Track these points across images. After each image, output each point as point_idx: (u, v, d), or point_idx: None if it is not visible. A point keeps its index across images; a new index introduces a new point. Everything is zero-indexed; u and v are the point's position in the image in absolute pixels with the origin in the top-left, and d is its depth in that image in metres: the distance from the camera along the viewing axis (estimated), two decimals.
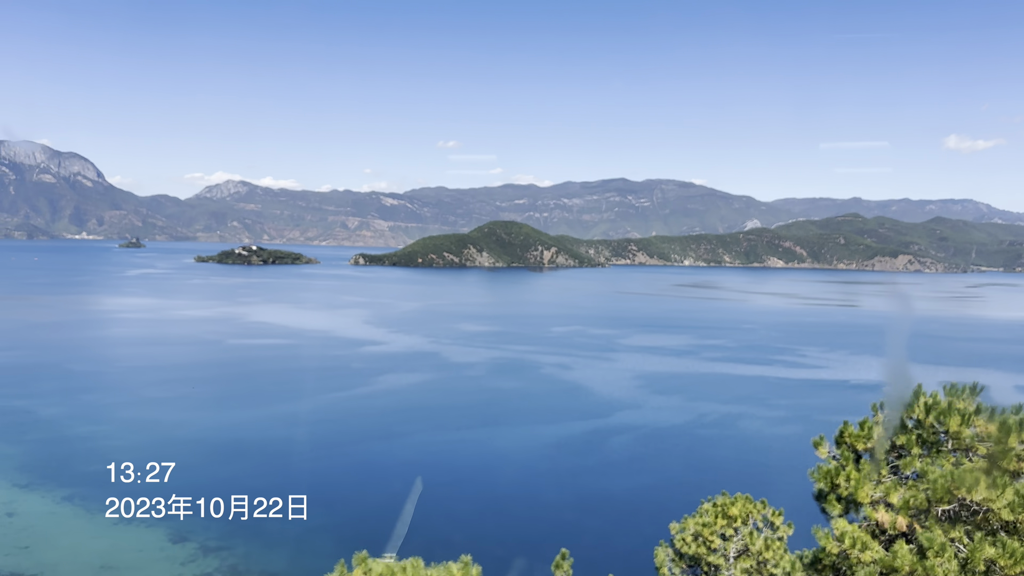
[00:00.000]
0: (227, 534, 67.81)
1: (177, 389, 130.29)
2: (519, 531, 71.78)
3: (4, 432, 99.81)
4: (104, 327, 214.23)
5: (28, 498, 75.93)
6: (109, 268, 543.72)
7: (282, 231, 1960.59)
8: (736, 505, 23.11)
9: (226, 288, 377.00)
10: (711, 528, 23.11)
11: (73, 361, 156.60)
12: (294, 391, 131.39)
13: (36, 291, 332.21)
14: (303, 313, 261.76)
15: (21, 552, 63.02)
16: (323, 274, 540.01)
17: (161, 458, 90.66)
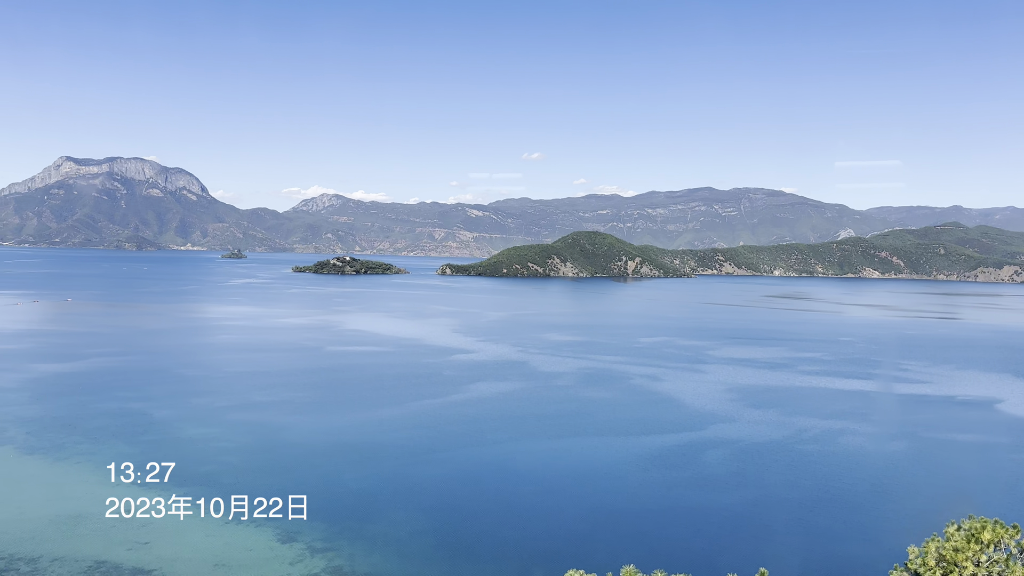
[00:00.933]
0: (333, 535, 70.19)
1: (280, 394, 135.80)
2: (617, 544, 71.39)
3: (121, 433, 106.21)
4: (211, 334, 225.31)
5: (145, 496, 79.65)
6: (214, 278, 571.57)
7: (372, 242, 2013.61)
8: (987, 530, 21.93)
9: (322, 297, 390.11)
10: (963, 553, 21.92)
11: (183, 366, 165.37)
12: (390, 397, 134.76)
13: (148, 299, 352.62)
14: (395, 322, 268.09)
15: (142, 547, 66.93)
16: (412, 284, 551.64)
17: (268, 460, 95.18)
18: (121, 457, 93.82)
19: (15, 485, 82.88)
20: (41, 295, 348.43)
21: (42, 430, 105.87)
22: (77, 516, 73.32)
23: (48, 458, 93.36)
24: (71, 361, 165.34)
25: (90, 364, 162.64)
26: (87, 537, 68.36)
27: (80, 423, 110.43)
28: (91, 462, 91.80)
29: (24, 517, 72.99)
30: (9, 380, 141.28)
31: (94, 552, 65.07)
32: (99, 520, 72.69)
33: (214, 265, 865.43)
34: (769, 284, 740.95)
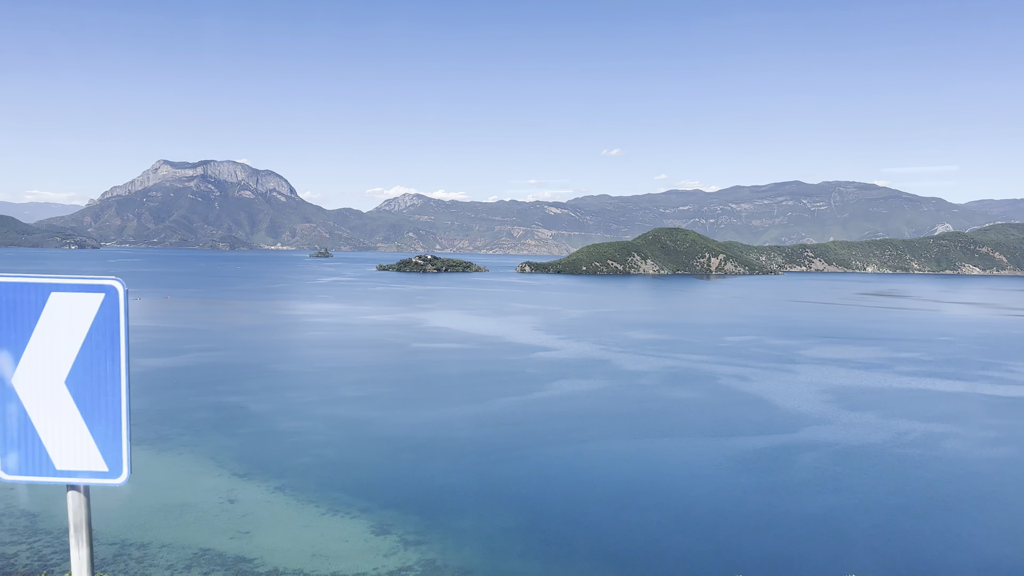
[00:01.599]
0: (424, 529, 71.10)
1: (369, 389, 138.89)
2: (705, 550, 69.78)
3: (221, 425, 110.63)
4: (301, 330, 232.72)
5: (246, 487, 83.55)
6: (303, 276, 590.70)
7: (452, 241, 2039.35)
8: None
9: (406, 295, 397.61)
10: None
11: (276, 361, 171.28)
12: (474, 394, 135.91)
13: (241, 297, 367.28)
14: (476, 319, 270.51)
15: (244, 536, 69.39)
16: (492, 281, 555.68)
17: (358, 454, 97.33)
18: (222, 449, 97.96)
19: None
20: (142, 293, 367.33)
21: (147, 422, 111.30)
22: (182, 505, 76.69)
23: (153, 448, 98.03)
24: (171, 356, 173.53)
25: (189, 359, 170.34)
26: (192, 525, 71.37)
27: (182, 415, 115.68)
28: (193, 453, 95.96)
29: (133, 505, 76.73)
30: None
31: (199, 540, 67.86)
32: (203, 509, 75.91)
33: (303, 264, 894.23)
34: (862, 281, 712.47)
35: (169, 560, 63.65)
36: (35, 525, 70.93)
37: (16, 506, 75.49)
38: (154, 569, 61.51)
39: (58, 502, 76.09)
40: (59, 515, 73.17)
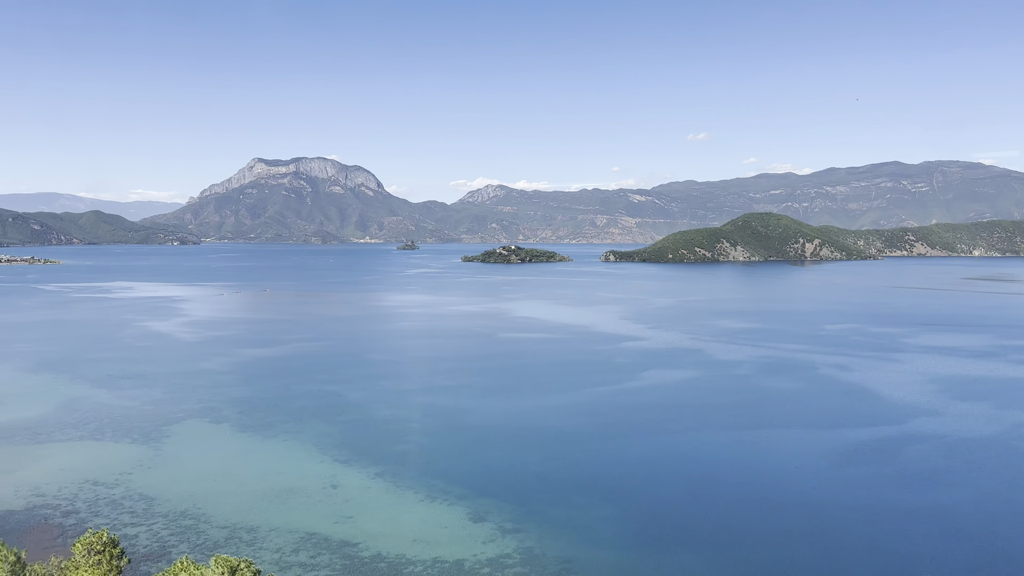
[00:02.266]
0: (521, 517, 71.51)
1: (460, 378, 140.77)
2: (810, 545, 67.46)
3: (322, 413, 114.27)
4: (392, 321, 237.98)
5: (347, 472, 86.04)
6: (391, 268, 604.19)
7: (535, 230, 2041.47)
8: None
9: (491, 285, 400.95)
10: None
11: (370, 351, 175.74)
12: (564, 383, 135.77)
13: (335, 289, 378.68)
14: (563, 309, 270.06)
15: (347, 521, 71.45)
16: (576, 271, 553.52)
17: (453, 442, 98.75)
18: (322, 436, 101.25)
19: (233, 460, 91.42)
20: (243, 286, 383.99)
21: (252, 410, 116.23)
22: (288, 490, 79.65)
23: (258, 435, 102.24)
24: (272, 346, 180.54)
25: (288, 349, 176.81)
26: (298, 510, 74.02)
27: (284, 403, 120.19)
28: (296, 440, 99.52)
29: (242, 489, 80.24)
30: (221, 364, 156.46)
31: (305, 524, 70.31)
32: (307, 494, 78.64)
33: (391, 256, 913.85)
34: (969, 265, 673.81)
35: (277, 543, 66.18)
36: (151, 509, 75.06)
37: (135, 491, 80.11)
38: (264, 552, 64.08)
39: (172, 487, 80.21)
40: (174, 499, 77.32)
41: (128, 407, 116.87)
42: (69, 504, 75.62)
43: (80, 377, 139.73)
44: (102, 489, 79.88)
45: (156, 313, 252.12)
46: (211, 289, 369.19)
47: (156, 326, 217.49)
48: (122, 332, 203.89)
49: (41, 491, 79.37)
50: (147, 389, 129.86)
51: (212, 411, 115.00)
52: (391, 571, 60.39)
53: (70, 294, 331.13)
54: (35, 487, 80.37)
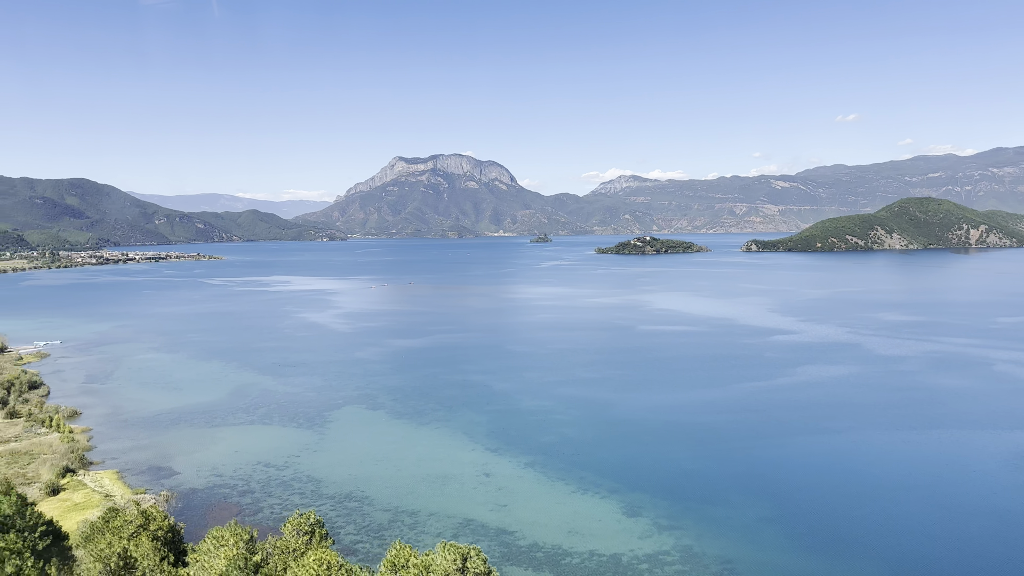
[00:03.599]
0: (677, 514, 69.87)
1: (602, 371, 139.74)
2: (986, 551, 61.59)
3: (470, 402, 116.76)
4: (531, 312, 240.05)
5: (498, 461, 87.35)
6: (525, 261, 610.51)
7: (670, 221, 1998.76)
8: None
9: (627, 277, 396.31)
10: None
11: (512, 342, 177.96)
12: (710, 378, 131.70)
13: (473, 281, 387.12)
14: (704, 300, 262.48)
15: (502, 509, 72.48)
16: (716, 262, 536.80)
17: (600, 435, 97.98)
18: (472, 424, 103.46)
19: (390, 445, 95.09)
20: (388, 279, 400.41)
21: (405, 398, 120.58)
22: (444, 476, 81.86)
23: (412, 423, 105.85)
24: (418, 337, 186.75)
25: (434, 340, 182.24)
26: (454, 496, 75.90)
27: (434, 392, 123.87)
28: (448, 427, 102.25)
29: (401, 474, 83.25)
30: (373, 353, 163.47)
31: (462, 510, 71.96)
32: (462, 481, 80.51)
33: (524, 249, 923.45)
34: None
35: (437, 528, 68.09)
36: (319, 491, 79.29)
37: (303, 473, 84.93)
38: (425, 536, 66.09)
39: (336, 470, 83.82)
40: (339, 482, 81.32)
41: (292, 393, 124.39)
42: (244, 484, 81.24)
43: (248, 365, 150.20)
44: (273, 471, 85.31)
45: (311, 305, 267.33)
46: (360, 283, 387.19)
47: (312, 317, 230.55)
48: (282, 323, 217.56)
49: (219, 471, 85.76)
50: (308, 377, 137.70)
51: (368, 398, 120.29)
52: (548, 561, 60.62)
53: (233, 288, 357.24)
54: (213, 467, 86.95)
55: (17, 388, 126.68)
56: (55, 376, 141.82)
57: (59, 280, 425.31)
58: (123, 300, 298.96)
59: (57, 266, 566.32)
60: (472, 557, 27.82)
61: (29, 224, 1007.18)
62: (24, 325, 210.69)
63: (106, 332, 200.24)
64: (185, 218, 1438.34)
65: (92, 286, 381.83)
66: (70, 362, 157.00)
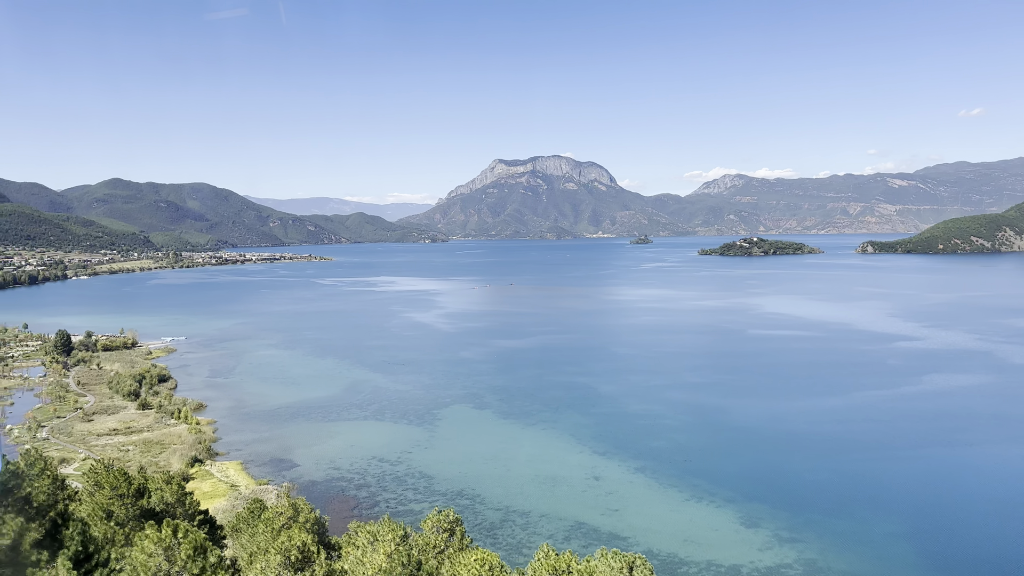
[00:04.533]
0: (798, 527, 66.83)
1: (711, 375, 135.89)
2: None
3: (576, 404, 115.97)
4: (633, 315, 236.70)
5: (607, 465, 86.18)
6: (625, 262, 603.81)
7: (778, 221, 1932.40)
8: None
9: (733, 279, 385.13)
10: None
11: (615, 345, 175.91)
12: (829, 386, 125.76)
13: (573, 283, 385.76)
14: (817, 304, 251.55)
15: (614, 514, 71.36)
16: (829, 264, 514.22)
17: (712, 442, 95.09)
18: (579, 427, 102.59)
19: (499, 445, 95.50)
20: (490, 280, 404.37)
21: (510, 398, 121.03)
22: (553, 477, 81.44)
23: (519, 423, 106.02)
24: (521, 338, 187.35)
25: (537, 341, 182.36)
26: (565, 498, 75.32)
27: (539, 393, 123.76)
28: (555, 429, 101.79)
29: (511, 474, 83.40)
30: (478, 353, 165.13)
31: (573, 513, 71.30)
32: (572, 483, 79.84)
33: (624, 250, 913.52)
34: None
35: (549, 530, 67.70)
36: (431, 487, 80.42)
37: (416, 469, 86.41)
38: (537, 537, 65.79)
39: (447, 467, 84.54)
40: (451, 479, 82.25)
41: (402, 391, 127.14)
42: (360, 478, 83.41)
43: (359, 362, 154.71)
44: (387, 466, 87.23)
45: (416, 305, 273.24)
46: (461, 283, 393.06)
47: (417, 317, 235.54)
48: (389, 322, 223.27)
49: (336, 465, 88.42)
50: (416, 375, 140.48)
51: (475, 397, 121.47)
52: (665, 569, 59.10)
53: (343, 288, 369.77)
54: (331, 461, 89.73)
55: (148, 381, 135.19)
56: (181, 370, 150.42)
57: (182, 279, 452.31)
58: (242, 299, 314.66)
59: (180, 266, 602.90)
60: (639, 566, 27.03)
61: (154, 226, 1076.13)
62: (153, 321, 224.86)
63: (227, 329, 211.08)
64: (297, 221, 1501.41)
65: (213, 285, 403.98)
66: (195, 357, 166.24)
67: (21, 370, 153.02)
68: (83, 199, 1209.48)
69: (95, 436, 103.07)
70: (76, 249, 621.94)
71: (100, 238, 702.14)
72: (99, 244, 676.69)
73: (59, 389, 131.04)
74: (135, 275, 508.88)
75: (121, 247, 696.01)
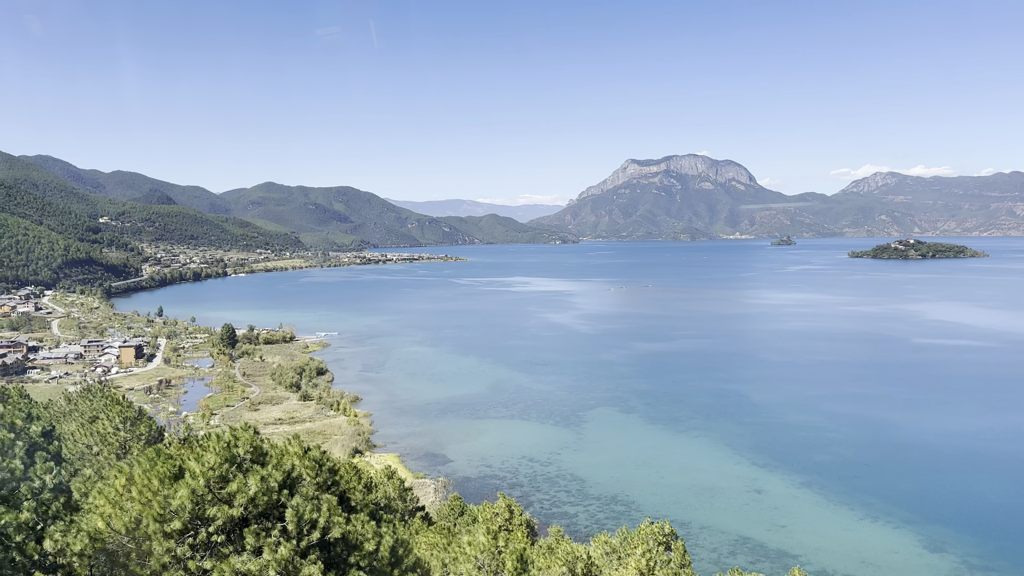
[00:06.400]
0: (991, 554, 60.95)
1: (875, 387, 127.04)
2: None
3: (727, 412, 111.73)
4: (780, 320, 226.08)
5: (768, 478, 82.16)
6: (767, 265, 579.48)
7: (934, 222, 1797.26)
8: None
9: (889, 284, 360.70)
10: None
11: (763, 351, 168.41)
12: (1010, 401, 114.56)
13: (713, 286, 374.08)
14: (989, 312, 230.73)
15: (781, 530, 67.79)
16: (997, 268, 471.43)
17: (882, 458, 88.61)
18: (733, 436, 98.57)
19: (649, 450, 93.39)
20: (626, 282, 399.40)
21: (657, 402, 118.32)
22: (711, 488, 78.54)
23: (669, 429, 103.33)
24: (663, 341, 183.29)
25: (679, 345, 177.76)
26: (725, 510, 72.39)
27: (687, 399, 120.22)
28: (707, 437, 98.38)
29: (664, 482, 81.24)
30: (619, 356, 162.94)
31: (735, 526, 68.33)
32: (732, 495, 76.65)
33: (765, 252, 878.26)
34: None
35: (712, 543, 65.17)
36: (584, 490, 79.60)
37: (567, 471, 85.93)
38: (700, 550, 63.45)
39: (598, 471, 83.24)
40: (602, 483, 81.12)
41: (546, 391, 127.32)
42: (513, 476, 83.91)
43: (500, 361, 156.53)
44: (538, 466, 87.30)
45: (553, 305, 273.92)
46: (596, 284, 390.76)
47: (554, 317, 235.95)
48: (527, 322, 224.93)
49: (488, 462, 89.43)
50: (559, 376, 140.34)
51: (620, 400, 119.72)
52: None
53: (479, 287, 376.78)
54: (482, 458, 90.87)
55: (307, 374, 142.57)
56: (336, 364, 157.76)
57: (331, 278, 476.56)
58: (386, 296, 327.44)
59: (328, 265, 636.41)
60: None
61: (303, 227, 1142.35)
62: (307, 317, 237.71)
63: (375, 325, 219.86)
64: (433, 222, 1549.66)
65: (359, 284, 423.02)
66: (348, 351, 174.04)
67: (192, 360, 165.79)
68: (239, 201, 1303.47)
69: (262, 425, 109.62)
70: (234, 248, 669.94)
71: (255, 238, 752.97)
72: (254, 244, 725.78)
73: (227, 379, 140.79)
74: (288, 273, 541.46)
75: (274, 246, 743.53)
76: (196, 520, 13.74)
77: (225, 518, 13.71)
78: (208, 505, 13.88)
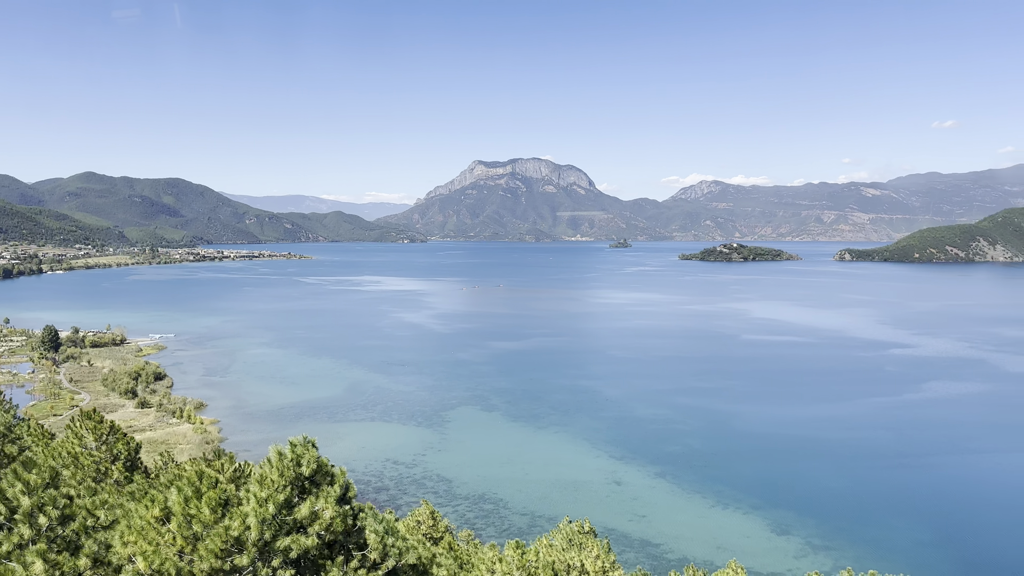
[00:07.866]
0: (829, 534, 66.63)
1: (715, 381, 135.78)
2: None
3: (584, 408, 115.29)
4: (624, 318, 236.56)
5: (627, 470, 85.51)
6: (608, 266, 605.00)
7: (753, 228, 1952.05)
8: None
9: (718, 284, 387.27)
10: None
11: (612, 348, 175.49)
12: (831, 392, 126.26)
13: (560, 285, 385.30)
14: (805, 310, 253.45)
15: (641, 520, 70.68)
16: (809, 271, 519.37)
17: (726, 447, 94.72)
18: (591, 431, 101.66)
19: (513, 448, 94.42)
20: (477, 281, 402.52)
21: (516, 400, 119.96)
22: (575, 482, 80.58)
23: (530, 426, 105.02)
24: (517, 340, 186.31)
25: (533, 343, 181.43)
26: (589, 503, 74.50)
27: (545, 396, 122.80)
28: (567, 432, 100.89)
29: (530, 478, 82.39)
30: (476, 355, 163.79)
31: (600, 519, 70.03)
32: (594, 488, 79.03)
33: (605, 254, 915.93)
34: None
35: None
36: (452, 491, 79.11)
37: (433, 472, 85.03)
38: None
39: (464, 470, 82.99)
40: (470, 482, 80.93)
41: (405, 392, 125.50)
42: (378, 480, 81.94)
43: (356, 362, 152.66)
44: (403, 468, 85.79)
45: (406, 305, 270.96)
46: (448, 284, 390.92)
47: (409, 317, 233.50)
48: (381, 322, 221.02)
49: (350, 466, 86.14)
50: (417, 376, 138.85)
51: (480, 399, 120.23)
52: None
53: (328, 286, 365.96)
54: (344, 462, 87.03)
55: (144, 379, 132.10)
56: (175, 368, 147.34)
57: (162, 275, 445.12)
58: (226, 296, 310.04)
59: (158, 262, 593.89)
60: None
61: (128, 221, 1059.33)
62: (139, 317, 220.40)
63: (215, 326, 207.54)
64: (274, 218, 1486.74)
65: (194, 282, 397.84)
66: (187, 355, 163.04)
67: (9, 366, 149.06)
68: (55, 192, 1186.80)
69: None
70: (49, 243, 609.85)
71: (74, 232, 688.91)
72: (73, 238, 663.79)
73: (52, 386, 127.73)
74: (112, 270, 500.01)
75: (96, 242, 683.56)
76: (267, 553, 11.96)
77: (300, 549, 12.04)
78: (281, 534, 12.16)
